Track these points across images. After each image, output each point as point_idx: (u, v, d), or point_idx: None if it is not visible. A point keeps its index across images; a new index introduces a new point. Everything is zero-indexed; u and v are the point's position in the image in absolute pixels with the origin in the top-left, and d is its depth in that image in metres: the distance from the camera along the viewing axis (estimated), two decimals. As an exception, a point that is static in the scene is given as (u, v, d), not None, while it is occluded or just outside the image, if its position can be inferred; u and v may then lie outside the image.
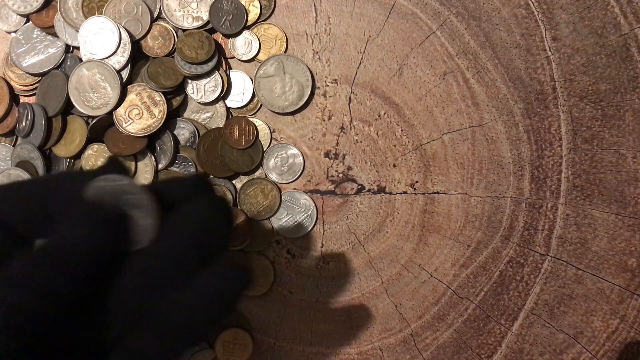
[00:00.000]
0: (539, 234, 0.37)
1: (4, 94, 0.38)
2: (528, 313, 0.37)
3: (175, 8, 0.38)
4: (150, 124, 0.37)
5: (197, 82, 0.38)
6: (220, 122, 0.38)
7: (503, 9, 0.37)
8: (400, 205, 0.38)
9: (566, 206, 0.37)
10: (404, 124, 0.38)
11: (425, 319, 0.38)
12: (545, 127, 0.37)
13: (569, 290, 0.37)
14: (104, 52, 0.36)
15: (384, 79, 0.38)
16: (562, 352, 0.36)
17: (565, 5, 0.37)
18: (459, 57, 0.37)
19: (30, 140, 0.37)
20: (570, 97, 0.37)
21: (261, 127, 0.38)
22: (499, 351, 0.37)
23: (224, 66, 0.38)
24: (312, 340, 0.38)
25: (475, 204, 0.37)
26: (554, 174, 0.37)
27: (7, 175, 0.37)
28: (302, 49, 0.38)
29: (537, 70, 0.37)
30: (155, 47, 0.37)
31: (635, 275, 0.36)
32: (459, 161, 0.38)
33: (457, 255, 0.38)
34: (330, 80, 0.38)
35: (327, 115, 0.38)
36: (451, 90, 0.38)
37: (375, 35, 0.38)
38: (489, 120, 0.37)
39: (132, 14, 0.37)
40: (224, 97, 0.38)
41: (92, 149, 0.37)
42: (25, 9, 0.37)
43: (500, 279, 0.37)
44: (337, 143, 0.38)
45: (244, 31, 0.38)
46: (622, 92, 0.36)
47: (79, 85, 0.36)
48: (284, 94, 0.38)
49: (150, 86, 0.37)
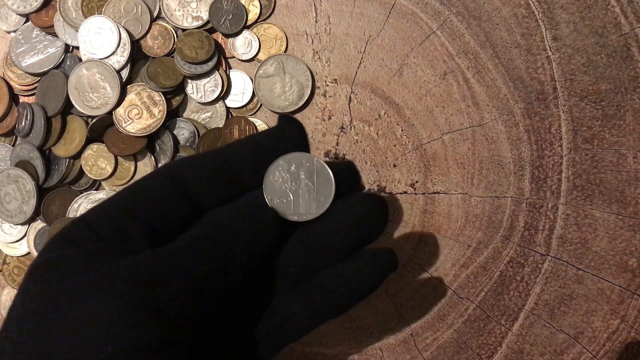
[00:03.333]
0: (540, 234, 0.37)
1: (3, 93, 0.38)
2: (528, 313, 0.37)
3: (175, 8, 0.37)
4: (150, 123, 0.37)
5: (197, 82, 0.38)
6: (220, 122, 0.38)
7: (503, 8, 0.37)
8: (400, 205, 0.38)
9: (567, 206, 0.37)
10: (404, 123, 0.38)
11: (426, 319, 0.38)
12: (546, 127, 0.37)
13: (569, 290, 0.36)
14: (104, 51, 0.36)
15: (384, 78, 0.38)
16: (563, 353, 0.36)
17: (566, 4, 0.37)
18: (459, 57, 0.37)
19: (29, 140, 0.37)
20: (571, 97, 0.37)
21: (261, 127, 0.38)
22: (499, 351, 0.37)
23: (223, 66, 0.38)
24: (312, 340, 0.38)
25: (475, 204, 0.37)
26: (554, 174, 0.37)
27: (6, 175, 0.36)
28: (302, 48, 0.38)
29: (537, 70, 0.37)
30: (155, 46, 0.37)
31: (635, 275, 0.36)
32: (459, 161, 0.38)
33: (457, 255, 0.37)
34: (330, 80, 0.38)
35: (327, 115, 0.38)
36: (451, 90, 0.38)
37: (376, 35, 0.38)
38: (489, 120, 0.37)
39: (131, 13, 0.37)
40: (224, 97, 0.38)
41: (92, 149, 0.37)
42: (25, 8, 0.37)
43: (501, 279, 0.37)
44: (337, 143, 0.38)
45: (244, 31, 0.38)
46: (622, 92, 0.36)
47: (79, 85, 0.36)
48: (284, 94, 0.38)
49: (150, 86, 0.37)
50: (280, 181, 0.23)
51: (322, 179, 0.23)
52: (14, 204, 0.37)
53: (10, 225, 0.38)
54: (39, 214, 0.37)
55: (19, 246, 0.38)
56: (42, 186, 0.37)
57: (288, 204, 0.23)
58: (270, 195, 0.23)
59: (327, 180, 0.23)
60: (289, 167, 0.23)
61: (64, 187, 0.38)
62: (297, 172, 0.23)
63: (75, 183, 0.38)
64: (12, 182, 0.37)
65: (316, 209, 0.23)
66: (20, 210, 0.37)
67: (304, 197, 0.23)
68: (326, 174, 0.23)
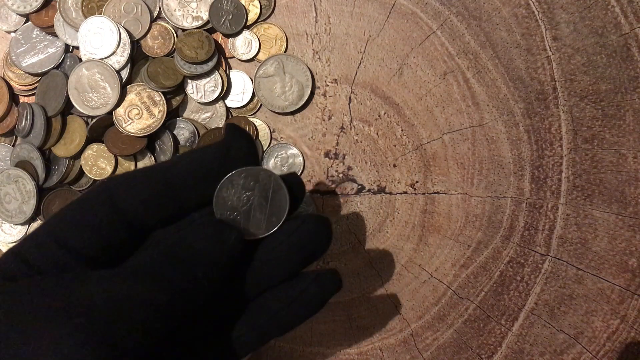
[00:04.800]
0: (540, 234, 0.37)
1: (3, 93, 0.38)
2: (528, 313, 0.37)
3: (175, 8, 0.37)
4: (150, 123, 0.37)
5: (197, 82, 0.37)
6: (220, 122, 0.38)
7: (503, 8, 0.37)
8: (400, 205, 0.38)
9: (567, 206, 0.37)
10: (404, 123, 0.38)
11: (426, 319, 0.38)
12: (546, 127, 0.37)
13: (569, 290, 0.36)
14: (104, 51, 0.36)
15: (384, 78, 0.38)
16: (563, 353, 0.36)
17: (566, 4, 0.37)
18: (459, 57, 0.37)
19: (29, 140, 0.37)
20: (571, 97, 0.37)
21: (261, 127, 0.38)
22: (499, 351, 0.37)
23: (223, 66, 0.38)
24: (312, 340, 0.38)
25: (475, 204, 0.37)
26: (554, 174, 0.37)
27: (6, 176, 0.36)
28: (302, 48, 0.38)
29: (537, 70, 0.37)
30: (155, 46, 0.37)
31: (635, 275, 0.36)
32: (459, 161, 0.38)
33: (457, 255, 0.37)
34: (330, 80, 0.38)
35: (327, 115, 0.38)
36: (451, 90, 0.38)
37: (376, 35, 0.38)
38: (489, 120, 0.37)
39: (131, 13, 0.37)
40: (224, 97, 0.38)
41: (92, 149, 0.37)
42: (25, 8, 0.37)
43: (501, 279, 0.37)
44: (337, 143, 0.38)
45: (244, 31, 0.38)
46: (622, 92, 0.36)
47: (79, 85, 0.36)
48: (284, 94, 0.38)
49: (150, 86, 0.36)
50: (231, 197, 0.22)
51: (277, 200, 0.22)
52: (14, 204, 0.37)
53: (10, 225, 0.38)
54: (39, 214, 0.37)
55: (19, 246, 0.38)
56: (42, 186, 0.37)
57: (237, 222, 0.22)
58: (220, 211, 0.22)
59: (282, 200, 0.22)
60: (244, 182, 0.22)
61: (64, 187, 0.38)
62: (252, 188, 0.22)
63: (75, 183, 0.38)
64: (12, 182, 0.37)
65: (266, 229, 0.22)
66: (20, 210, 0.37)
67: (254, 215, 0.22)
68: (283, 194, 0.22)
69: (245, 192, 0.22)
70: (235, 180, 0.22)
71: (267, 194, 0.22)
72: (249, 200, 0.22)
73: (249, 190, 0.22)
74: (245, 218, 0.22)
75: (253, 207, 0.22)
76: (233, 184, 0.22)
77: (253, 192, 0.22)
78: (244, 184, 0.22)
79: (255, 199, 0.22)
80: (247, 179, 0.22)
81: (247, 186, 0.22)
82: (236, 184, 0.22)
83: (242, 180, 0.22)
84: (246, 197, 0.22)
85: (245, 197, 0.22)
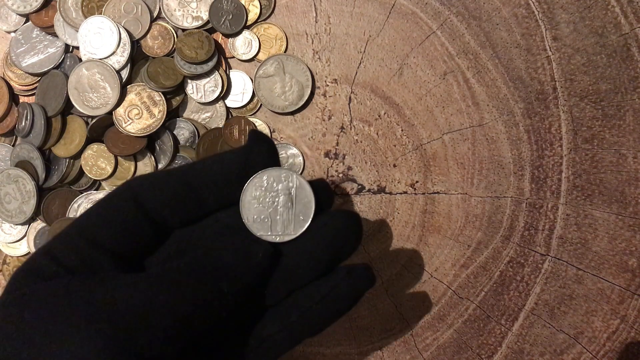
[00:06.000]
0: (540, 234, 0.37)
1: (3, 93, 0.38)
2: (528, 313, 0.37)
3: (174, 8, 0.37)
4: (150, 123, 0.37)
5: (197, 82, 0.37)
6: (220, 122, 0.38)
7: (503, 8, 0.37)
8: (400, 205, 0.38)
9: (567, 206, 0.37)
10: (404, 123, 0.38)
11: (425, 319, 0.38)
12: (546, 127, 0.37)
13: (569, 290, 0.36)
14: (104, 51, 0.36)
15: (384, 78, 0.38)
16: (563, 353, 0.36)
17: (566, 4, 0.37)
18: (459, 57, 0.37)
19: (29, 140, 0.37)
20: (571, 97, 0.37)
21: (261, 127, 0.38)
22: (499, 351, 0.37)
23: (223, 66, 0.38)
24: (312, 340, 0.38)
25: (475, 204, 0.37)
26: (554, 174, 0.37)
27: (6, 176, 0.36)
28: (302, 48, 0.38)
29: (537, 70, 0.37)
30: (155, 46, 0.37)
31: (635, 275, 0.36)
32: (459, 161, 0.38)
33: (457, 255, 0.37)
34: (330, 80, 0.38)
35: (327, 115, 0.38)
36: (451, 90, 0.38)
37: (376, 35, 0.38)
38: (489, 120, 0.37)
39: (131, 13, 0.37)
40: (224, 97, 0.38)
41: (92, 149, 0.37)
42: (25, 8, 0.37)
43: (501, 279, 0.37)
44: (337, 143, 0.38)
45: (244, 31, 0.38)
46: (622, 92, 0.36)
47: (79, 85, 0.36)
48: (284, 94, 0.38)
49: (150, 86, 0.36)
50: (257, 199, 0.22)
51: (302, 198, 0.22)
52: (14, 204, 0.37)
53: (10, 225, 0.38)
54: (39, 214, 0.37)
55: (19, 246, 0.38)
56: (42, 186, 0.37)
57: (266, 223, 0.22)
58: (247, 214, 0.22)
59: (307, 199, 0.22)
60: (267, 184, 0.22)
61: (64, 187, 0.38)
62: (276, 190, 0.22)
63: (75, 183, 0.38)
64: (12, 182, 0.37)
65: (294, 229, 0.22)
66: (20, 210, 0.37)
67: (282, 216, 0.22)
68: (307, 192, 0.22)
69: (270, 193, 0.22)
70: (258, 183, 0.22)
71: (290, 192, 0.22)
72: (274, 202, 0.22)
73: (272, 191, 0.22)
74: (273, 219, 0.22)
75: (279, 208, 0.22)
76: (256, 187, 0.22)
77: (277, 192, 0.22)
78: (267, 185, 0.22)
79: (280, 199, 0.22)
80: (270, 180, 0.22)
81: (270, 188, 0.22)
82: (259, 186, 0.22)
83: (264, 182, 0.22)
84: (271, 198, 0.22)
85: (270, 199, 0.22)
